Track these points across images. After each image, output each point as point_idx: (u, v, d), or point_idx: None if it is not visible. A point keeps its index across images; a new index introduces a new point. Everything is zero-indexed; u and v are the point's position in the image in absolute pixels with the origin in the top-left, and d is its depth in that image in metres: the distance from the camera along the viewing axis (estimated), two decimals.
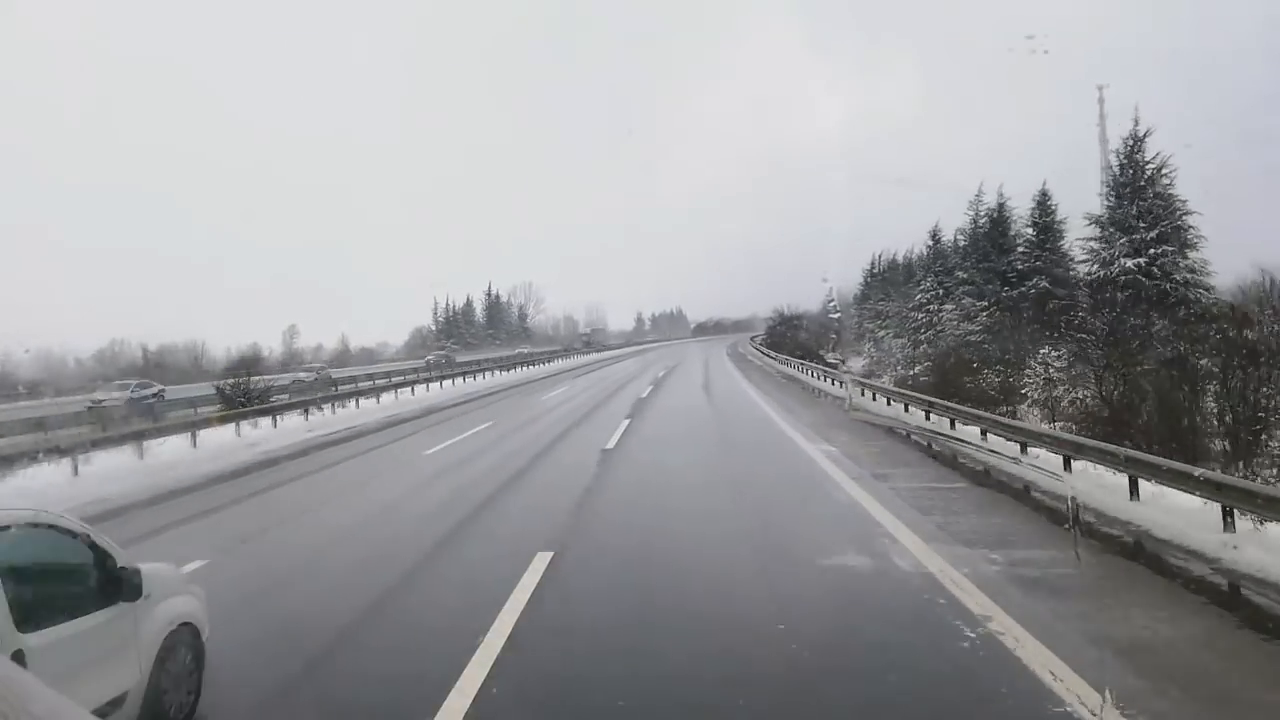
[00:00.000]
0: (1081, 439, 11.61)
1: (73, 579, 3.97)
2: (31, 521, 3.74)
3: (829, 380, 31.78)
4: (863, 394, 25.23)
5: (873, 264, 75.93)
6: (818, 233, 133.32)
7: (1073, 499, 9.28)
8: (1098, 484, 10.10)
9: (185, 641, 4.61)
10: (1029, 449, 12.65)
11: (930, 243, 53.80)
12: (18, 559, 3.60)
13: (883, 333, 67.59)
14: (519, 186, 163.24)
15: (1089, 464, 10.50)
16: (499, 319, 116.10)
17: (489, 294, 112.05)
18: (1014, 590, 6.50)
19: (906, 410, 20.02)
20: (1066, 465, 11.09)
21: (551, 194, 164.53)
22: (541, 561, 7.54)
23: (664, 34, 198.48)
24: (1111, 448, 10.06)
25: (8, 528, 3.59)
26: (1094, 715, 4.27)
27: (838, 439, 16.08)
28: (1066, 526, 8.29)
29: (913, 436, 16.97)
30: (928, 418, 18.00)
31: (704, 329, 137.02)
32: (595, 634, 5.89)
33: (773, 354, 54.68)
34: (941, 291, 52.21)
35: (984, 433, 14.37)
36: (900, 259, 70.09)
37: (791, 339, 62.57)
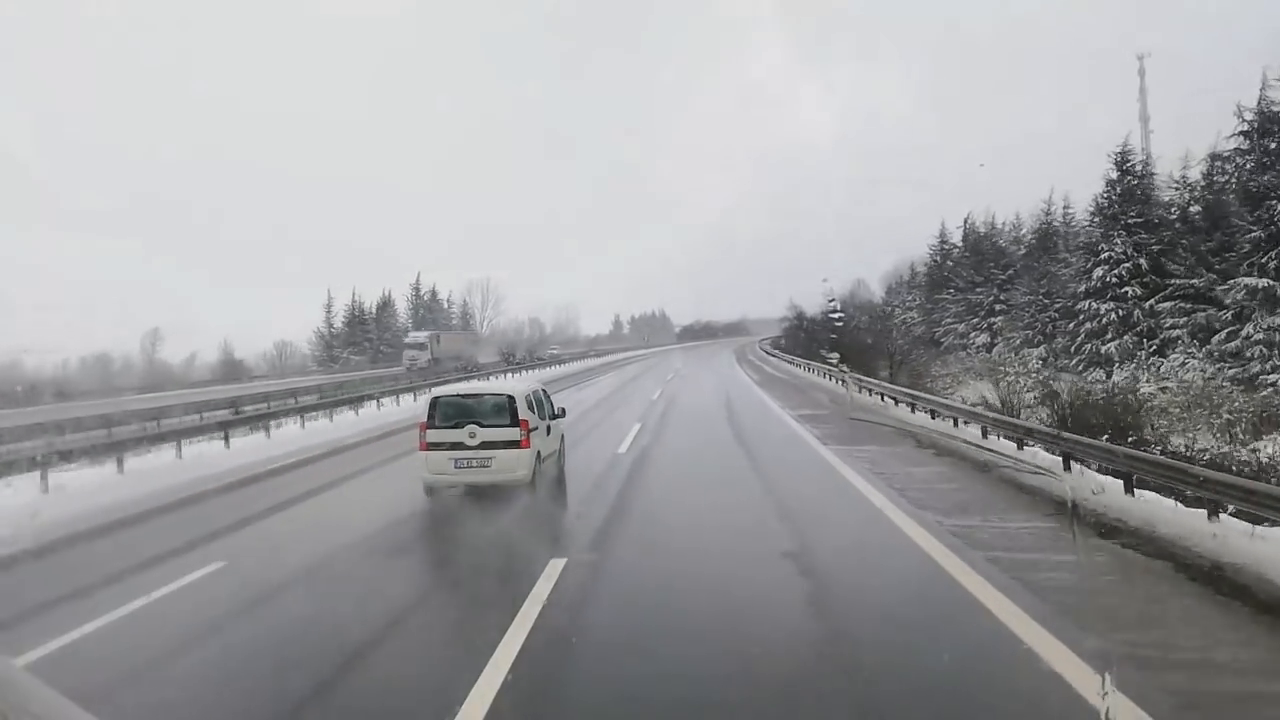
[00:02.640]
0: None
1: (551, 408, 11.15)
2: (539, 386, 11.48)
3: None
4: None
5: (942, 239, 52.51)
6: (813, 232, 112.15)
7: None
8: None
9: (564, 439, 11.97)
10: None
11: (1115, 174, 30.19)
12: (537, 398, 10.63)
13: (976, 335, 44.42)
14: (487, 181, 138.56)
15: None
16: (432, 322, 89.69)
17: (417, 290, 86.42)
18: None
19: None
20: None
21: (522, 191, 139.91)
22: None
23: (656, 32, 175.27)
24: None
25: (538, 388, 11.27)
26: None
27: None
28: None
29: None
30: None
31: (691, 332, 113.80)
32: None
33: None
34: (1143, 264, 29.00)
35: None
36: (1004, 223, 46.77)
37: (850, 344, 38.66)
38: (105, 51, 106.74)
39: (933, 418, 16.68)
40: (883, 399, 21.01)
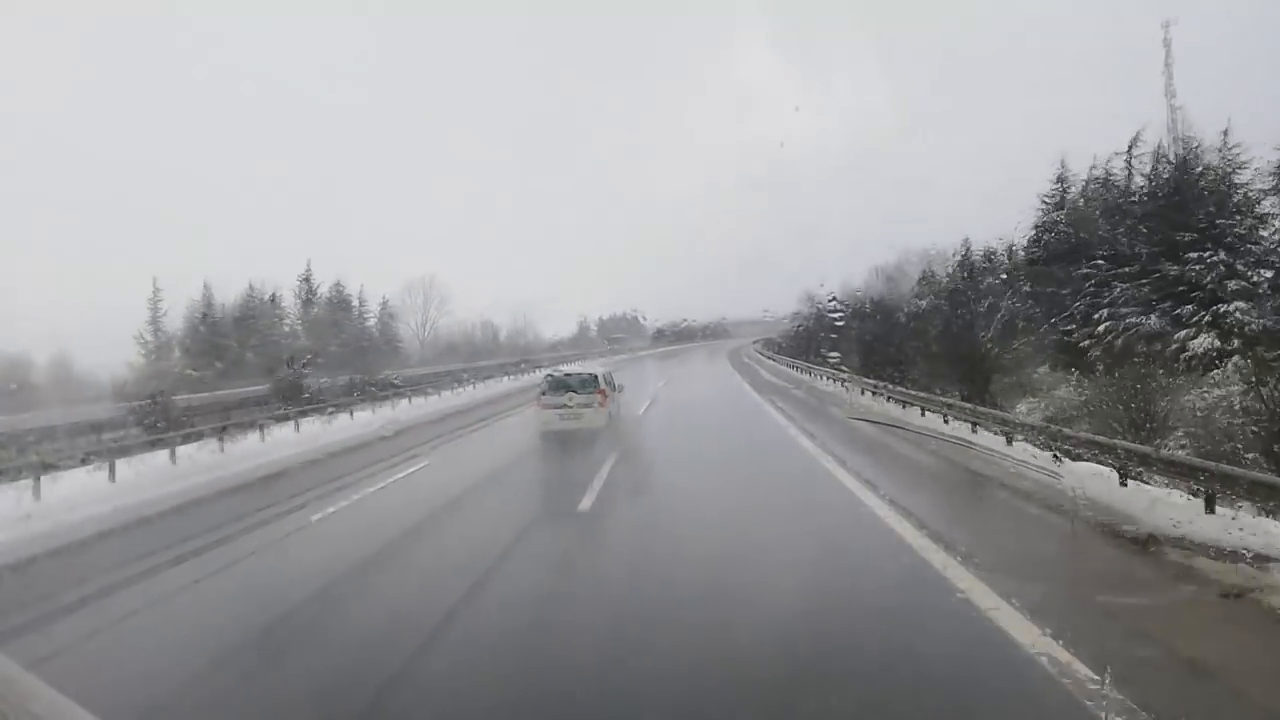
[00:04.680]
0: None
1: (614, 383, 17.65)
2: (606, 368, 19.38)
3: None
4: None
5: (1062, 185, 33.09)
6: (799, 232, 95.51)
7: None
8: None
9: (620, 404, 18.20)
10: None
11: None
12: (608, 377, 17.34)
13: (1189, 334, 24.83)
14: (438, 173, 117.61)
15: None
16: (335, 326, 68.32)
17: (308, 282, 65.88)
18: None
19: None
20: None
21: (484, 184, 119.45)
22: None
23: (638, 26, 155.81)
24: None
25: (609, 370, 19.04)
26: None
27: None
28: None
29: None
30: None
31: (666, 336, 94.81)
32: None
33: None
34: None
35: None
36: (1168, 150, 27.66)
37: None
38: None
39: None
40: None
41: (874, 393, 20.94)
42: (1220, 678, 4.34)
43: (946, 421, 15.81)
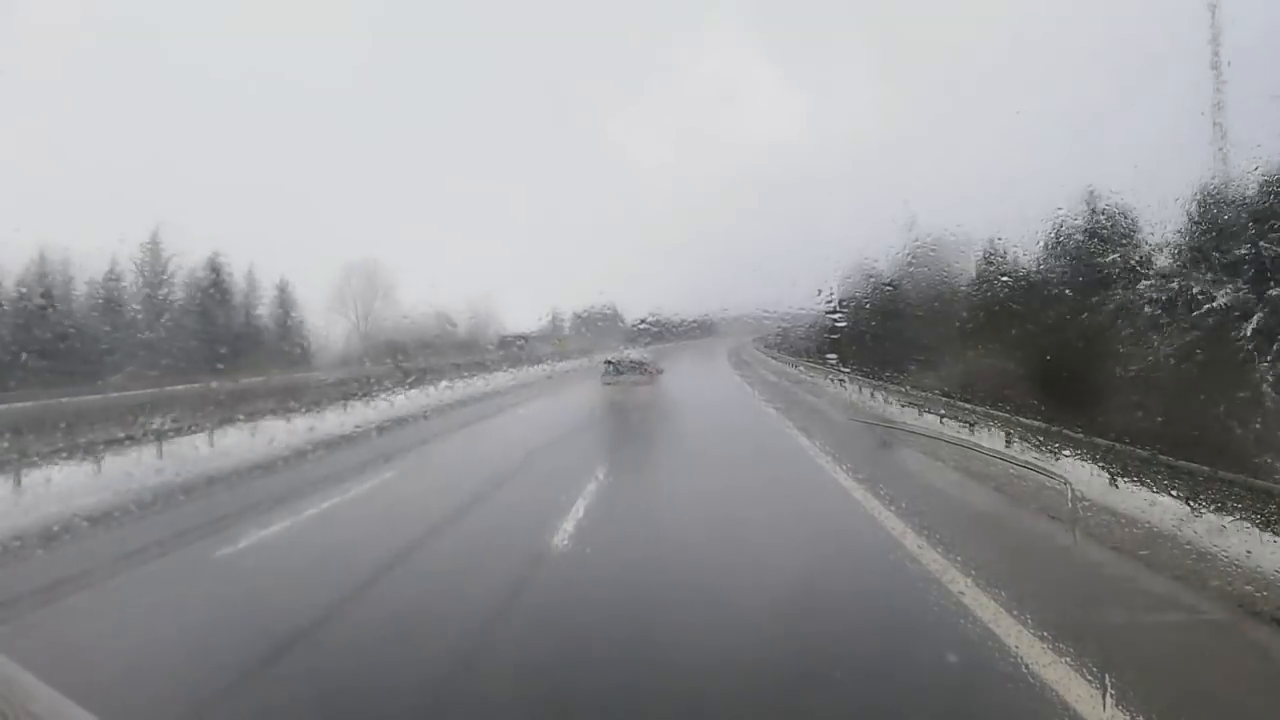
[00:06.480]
0: None
1: (658, 366, 26.11)
2: (653, 356, 26.83)
3: None
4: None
5: None
6: (796, 229, 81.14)
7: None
8: None
9: (661, 375, 26.41)
10: None
11: None
12: (654, 363, 26.57)
13: None
14: (398, 158, 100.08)
15: None
16: (201, 316, 48.28)
17: (155, 252, 45.98)
18: None
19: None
20: None
21: (452, 170, 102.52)
22: None
23: (626, 9, 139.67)
24: None
25: (646, 360, 25.79)
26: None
27: None
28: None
29: None
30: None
31: (649, 333, 78.62)
32: None
33: None
34: None
35: None
36: None
37: None
38: None
39: None
40: None
41: None
42: None
43: None
